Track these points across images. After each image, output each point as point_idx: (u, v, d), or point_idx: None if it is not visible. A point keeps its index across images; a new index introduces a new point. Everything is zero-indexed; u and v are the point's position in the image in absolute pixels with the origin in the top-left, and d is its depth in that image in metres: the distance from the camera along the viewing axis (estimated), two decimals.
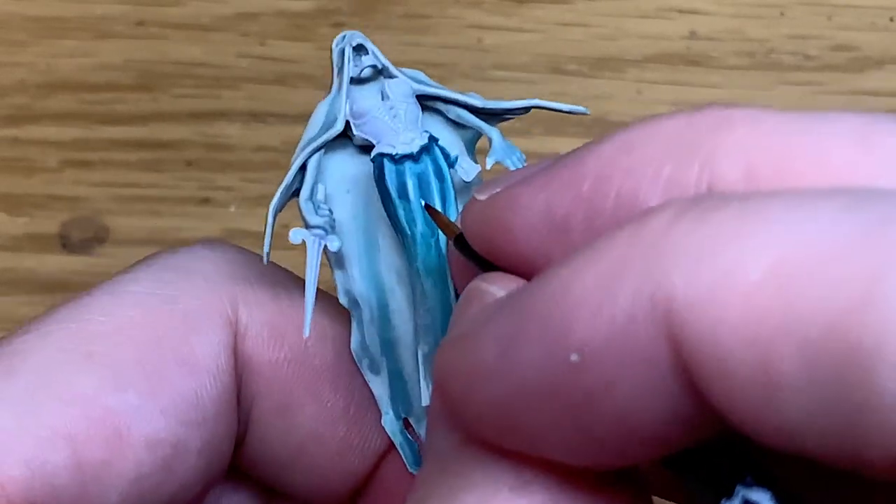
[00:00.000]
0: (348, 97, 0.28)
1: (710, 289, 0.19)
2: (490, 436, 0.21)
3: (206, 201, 0.47)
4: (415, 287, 0.28)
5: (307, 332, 0.28)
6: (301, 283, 0.29)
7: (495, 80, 0.47)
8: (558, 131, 0.46)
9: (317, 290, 0.28)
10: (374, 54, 0.28)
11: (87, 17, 0.48)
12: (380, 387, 0.29)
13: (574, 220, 0.23)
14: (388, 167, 0.28)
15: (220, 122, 0.47)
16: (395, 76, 0.29)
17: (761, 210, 0.19)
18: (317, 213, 0.28)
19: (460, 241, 0.25)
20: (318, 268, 0.28)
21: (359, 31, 0.28)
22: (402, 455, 0.29)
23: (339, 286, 0.29)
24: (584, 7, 0.48)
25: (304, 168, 0.28)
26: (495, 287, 0.24)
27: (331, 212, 0.28)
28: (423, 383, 0.28)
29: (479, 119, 0.29)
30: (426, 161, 0.28)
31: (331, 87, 0.29)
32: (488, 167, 0.29)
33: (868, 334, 0.18)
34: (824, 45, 0.47)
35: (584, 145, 0.23)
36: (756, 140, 0.21)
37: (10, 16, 0.48)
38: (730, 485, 0.21)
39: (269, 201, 0.28)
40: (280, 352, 0.29)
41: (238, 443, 0.29)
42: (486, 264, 0.25)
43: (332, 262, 0.29)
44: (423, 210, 0.28)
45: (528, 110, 0.29)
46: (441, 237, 0.28)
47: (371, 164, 0.28)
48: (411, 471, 0.29)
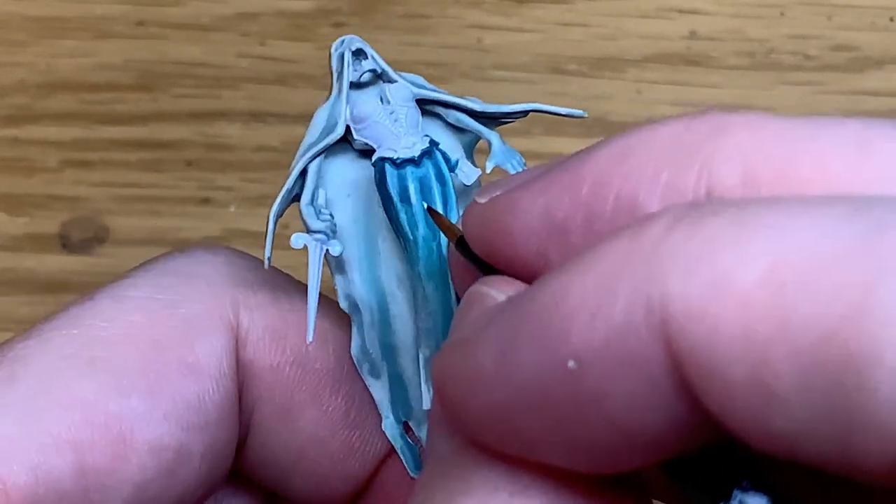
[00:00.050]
0: (348, 102, 0.28)
1: (705, 296, 0.19)
2: (489, 440, 0.21)
3: (206, 201, 0.47)
4: (416, 291, 0.28)
5: (311, 337, 0.28)
6: (301, 287, 0.29)
7: (495, 80, 0.47)
8: (558, 131, 0.46)
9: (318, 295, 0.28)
10: (374, 59, 0.28)
11: (87, 17, 0.48)
12: (380, 391, 0.29)
13: (573, 224, 0.23)
14: (390, 171, 0.28)
15: (220, 122, 0.47)
16: (395, 80, 0.28)
17: (757, 217, 0.19)
18: (318, 218, 0.28)
19: (461, 244, 0.25)
20: (321, 272, 0.28)
21: (357, 36, 0.28)
22: (403, 459, 0.29)
23: (340, 290, 0.29)
24: (584, 7, 0.48)
25: (304, 173, 0.28)
26: (495, 290, 0.24)
27: (332, 216, 0.28)
28: (424, 387, 0.28)
29: (478, 123, 0.29)
30: (427, 165, 0.28)
31: (330, 91, 0.29)
32: (488, 171, 0.29)
33: (864, 342, 0.18)
34: (824, 45, 0.47)
35: (583, 149, 0.23)
36: (755, 145, 0.21)
37: (10, 16, 0.48)
38: (727, 490, 0.21)
39: (269, 201, 0.28)
40: (281, 356, 0.29)
41: (239, 447, 0.29)
42: (486, 267, 0.25)
43: (332, 266, 0.29)
44: (425, 214, 0.28)
45: (526, 114, 0.29)
46: (443, 240, 0.28)
47: (371, 168, 0.28)
48: (412, 475, 0.29)
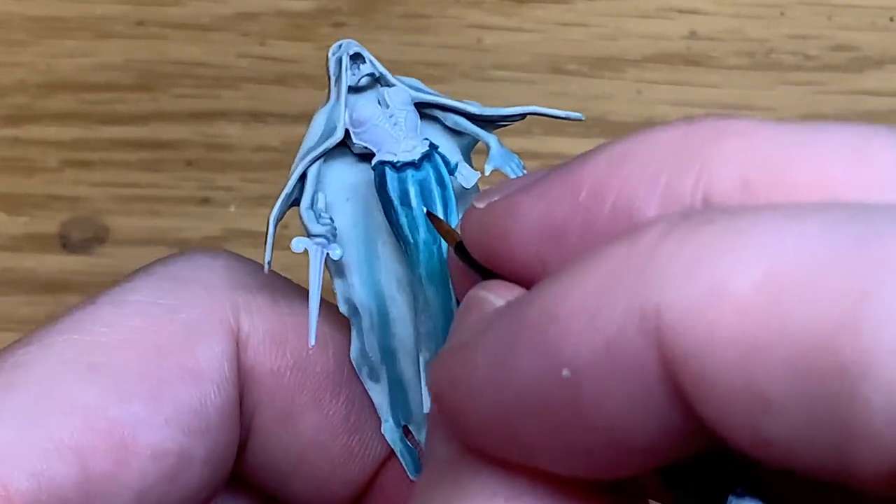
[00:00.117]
0: (346, 106, 0.28)
1: (698, 305, 0.19)
2: (486, 446, 0.21)
3: (206, 201, 0.47)
4: (416, 294, 0.28)
5: (313, 341, 0.28)
6: (301, 291, 0.29)
7: (495, 80, 0.47)
8: (558, 131, 0.46)
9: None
10: (372, 63, 0.28)
11: (87, 17, 0.48)
12: (379, 395, 0.29)
13: (571, 229, 0.23)
14: (390, 175, 0.28)
15: (220, 122, 0.47)
16: (393, 84, 0.28)
17: (752, 224, 0.19)
18: (318, 222, 0.28)
19: (461, 248, 0.25)
20: (322, 276, 0.28)
21: (355, 40, 0.28)
22: (403, 462, 0.29)
23: (339, 294, 0.29)
24: (584, 7, 0.48)
25: (303, 177, 0.28)
26: (494, 295, 0.24)
27: (332, 220, 0.28)
28: (424, 390, 0.28)
29: (476, 126, 0.29)
30: (427, 168, 0.28)
31: (328, 95, 0.29)
32: (487, 174, 0.29)
33: (855, 352, 0.18)
34: (824, 45, 0.47)
35: (581, 154, 0.23)
36: (752, 151, 0.21)
37: (10, 16, 0.48)
38: (722, 496, 0.21)
39: (269, 201, 0.28)
40: (282, 360, 0.29)
41: (239, 451, 0.29)
42: (485, 272, 0.25)
43: (331, 270, 0.29)
44: (426, 217, 0.28)
45: (524, 117, 0.29)
46: (443, 244, 0.28)
47: (370, 172, 0.28)
48: (412, 478, 0.29)
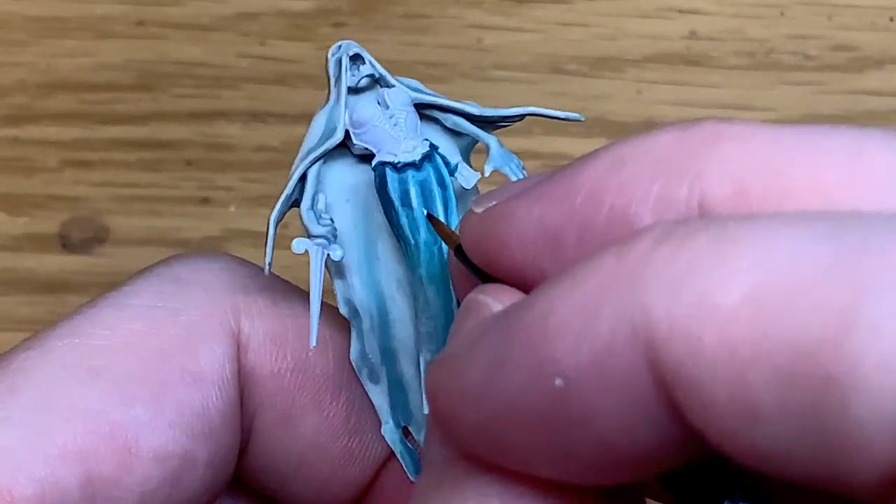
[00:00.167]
0: (346, 107, 0.28)
1: (687, 316, 0.19)
2: (480, 452, 0.21)
3: (206, 201, 0.47)
4: (417, 295, 0.28)
5: (314, 342, 0.28)
6: (301, 293, 0.29)
7: (495, 80, 0.47)
8: (559, 131, 0.46)
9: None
10: (371, 64, 0.28)
11: (87, 17, 0.48)
12: (379, 396, 0.29)
13: (567, 235, 0.23)
14: (391, 175, 0.28)
15: (220, 122, 0.47)
16: (393, 85, 0.29)
17: (740, 236, 0.19)
18: (319, 223, 0.28)
19: (460, 251, 0.25)
20: (323, 277, 0.28)
21: (354, 41, 0.28)
22: (403, 464, 0.29)
23: (339, 295, 0.29)
24: (584, 7, 0.48)
25: (303, 178, 0.28)
26: (492, 299, 0.24)
27: (332, 221, 0.28)
28: (424, 391, 0.28)
29: (475, 126, 0.29)
30: (428, 169, 0.28)
31: (327, 96, 0.29)
32: (486, 174, 0.29)
33: (842, 363, 0.18)
34: (824, 45, 0.47)
35: (578, 159, 0.23)
36: (747, 157, 0.21)
37: (10, 16, 0.48)
38: (717, 501, 0.21)
39: (269, 201, 0.28)
40: (282, 362, 0.29)
41: (239, 453, 0.29)
42: (484, 275, 0.25)
43: (332, 271, 0.29)
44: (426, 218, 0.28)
45: (523, 117, 0.29)
46: (444, 245, 0.28)
47: (370, 172, 0.28)
48: (412, 479, 0.29)
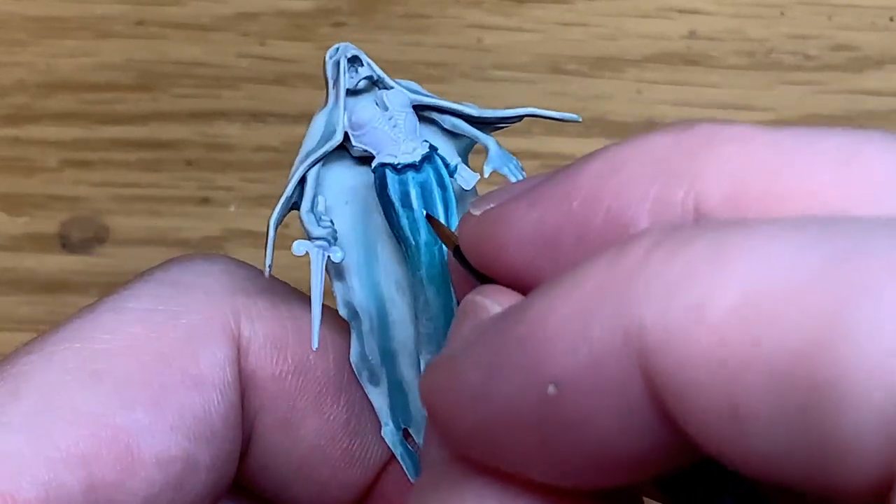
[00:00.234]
0: (345, 108, 0.28)
1: (679, 324, 0.19)
2: (476, 455, 0.21)
3: (206, 201, 0.47)
4: (417, 296, 0.28)
5: (316, 344, 0.28)
6: (300, 295, 0.29)
7: (495, 80, 0.47)
8: (558, 131, 0.46)
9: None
10: (370, 66, 0.28)
11: (87, 17, 0.48)
12: (379, 398, 0.29)
13: (565, 238, 0.23)
14: (391, 177, 0.28)
15: (220, 122, 0.47)
16: (391, 87, 0.29)
17: (733, 242, 0.19)
18: (319, 225, 0.28)
19: (459, 252, 0.25)
20: (323, 279, 0.28)
21: (352, 43, 0.28)
22: (403, 466, 0.29)
23: (339, 297, 0.29)
24: (584, 7, 0.48)
25: (303, 181, 0.28)
26: (489, 300, 0.24)
27: (332, 223, 0.28)
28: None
29: (474, 128, 0.29)
30: (428, 170, 0.28)
31: (325, 99, 0.29)
32: (486, 175, 0.29)
33: (831, 369, 0.18)
34: (824, 45, 0.47)
35: (575, 161, 0.23)
36: (742, 161, 0.21)
37: (10, 16, 0.48)
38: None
39: (269, 201, 0.28)
40: (283, 365, 0.29)
41: (240, 457, 0.29)
42: (483, 276, 0.25)
43: (331, 273, 0.29)
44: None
45: (521, 118, 0.29)
46: (444, 246, 0.28)
47: (369, 174, 0.28)
48: (413, 481, 0.29)
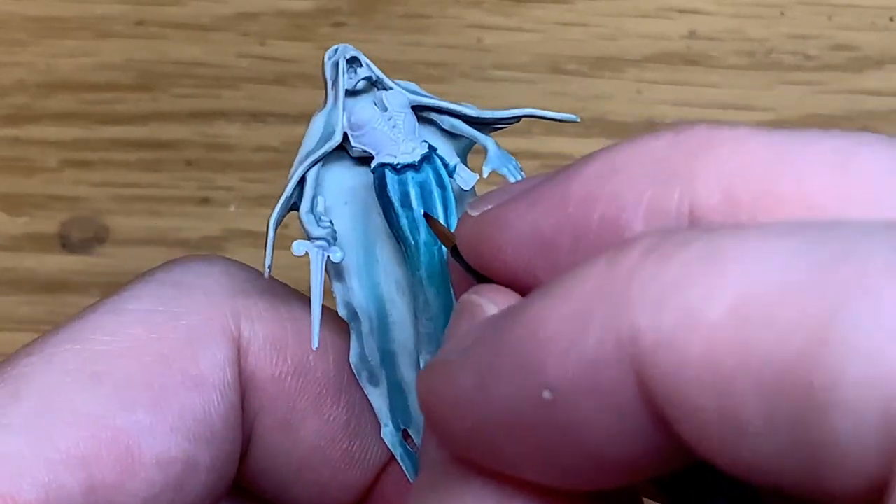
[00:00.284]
0: (344, 109, 0.28)
1: (672, 330, 0.19)
2: (473, 457, 0.22)
3: (206, 201, 0.47)
4: (417, 296, 0.28)
5: (316, 344, 0.28)
6: (300, 296, 0.29)
7: (495, 80, 0.47)
8: (558, 131, 0.46)
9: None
10: (369, 66, 0.28)
11: (87, 17, 0.48)
12: (379, 399, 0.29)
13: (562, 240, 0.23)
14: (390, 177, 0.28)
15: (220, 122, 0.47)
16: (390, 87, 0.29)
17: (727, 248, 0.19)
18: (318, 225, 0.28)
19: (457, 251, 0.26)
20: (323, 279, 0.28)
21: (351, 44, 0.28)
22: (403, 467, 0.29)
23: (338, 298, 0.29)
24: (584, 7, 0.48)
25: (302, 181, 0.28)
26: (486, 300, 0.24)
27: (331, 223, 0.28)
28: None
29: (473, 128, 0.29)
30: (427, 170, 0.28)
31: (324, 99, 0.29)
32: (485, 175, 0.29)
33: (822, 375, 0.18)
34: (824, 45, 0.47)
35: (572, 163, 0.23)
36: (736, 164, 0.21)
37: (10, 16, 0.48)
38: None
39: (269, 201, 0.28)
40: (283, 366, 0.29)
41: (240, 458, 0.29)
42: (480, 276, 0.25)
43: (331, 274, 0.29)
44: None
45: (520, 119, 0.29)
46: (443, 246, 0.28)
47: (368, 175, 0.28)
48: (412, 482, 0.29)
